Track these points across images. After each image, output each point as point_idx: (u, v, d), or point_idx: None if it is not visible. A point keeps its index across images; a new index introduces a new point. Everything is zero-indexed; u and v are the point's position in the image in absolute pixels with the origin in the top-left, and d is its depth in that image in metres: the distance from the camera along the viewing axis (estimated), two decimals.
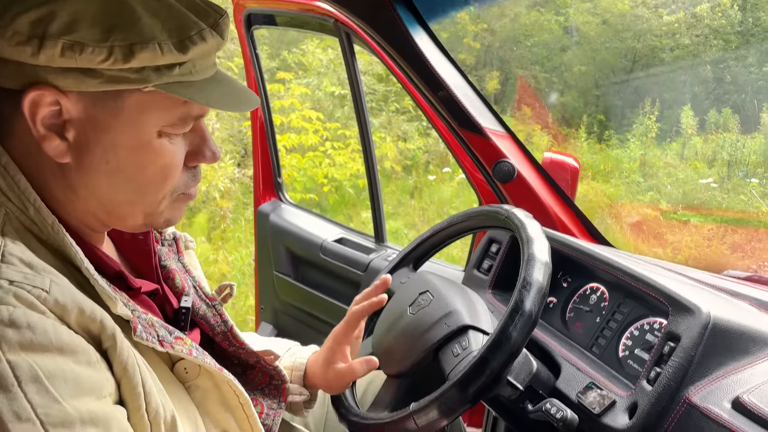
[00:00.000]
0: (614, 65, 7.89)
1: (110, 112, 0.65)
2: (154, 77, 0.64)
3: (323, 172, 5.11)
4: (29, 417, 0.55)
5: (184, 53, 0.64)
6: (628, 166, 6.36)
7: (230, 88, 0.72)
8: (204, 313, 0.88)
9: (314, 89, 5.80)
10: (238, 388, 0.78)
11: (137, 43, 0.62)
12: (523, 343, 0.86)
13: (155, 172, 0.70)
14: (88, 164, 0.67)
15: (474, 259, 1.39)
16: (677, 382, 0.84)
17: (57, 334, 0.58)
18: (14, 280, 0.58)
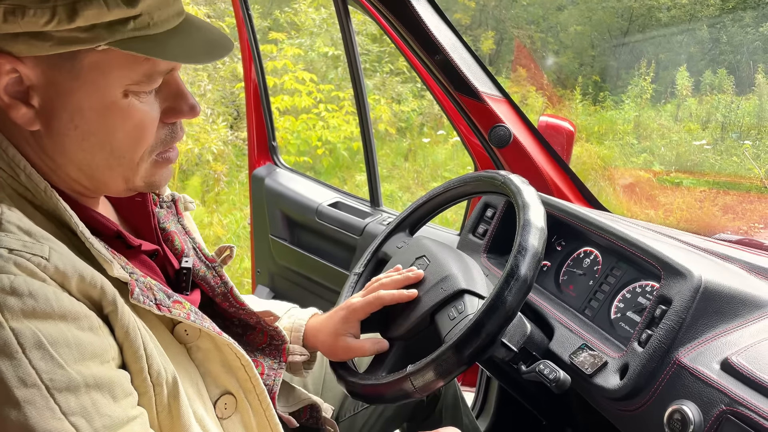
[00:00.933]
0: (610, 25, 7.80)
1: (69, 75, 0.63)
2: (106, 35, 0.61)
3: (317, 135, 5.08)
4: (35, 383, 0.56)
5: (132, 6, 0.61)
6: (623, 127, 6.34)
7: (198, 38, 0.68)
8: (204, 275, 0.88)
9: (307, 50, 5.71)
10: (239, 351, 0.79)
11: (80, 0, 0.59)
12: (518, 307, 0.88)
13: (127, 133, 0.67)
14: (57, 130, 0.66)
15: (469, 223, 1.40)
16: (668, 344, 0.86)
17: (59, 301, 0.59)
18: (14, 248, 0.58)
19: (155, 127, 0.70)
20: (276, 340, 0.96)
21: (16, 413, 0.55)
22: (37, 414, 0.55)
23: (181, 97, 0.71)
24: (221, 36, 0.70)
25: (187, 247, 0.88)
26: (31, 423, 0.55)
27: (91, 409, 0.59)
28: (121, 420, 0.61)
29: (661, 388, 0.85)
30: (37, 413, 0.55)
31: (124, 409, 0.62)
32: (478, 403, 1.65)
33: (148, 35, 0.64)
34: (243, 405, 0.80)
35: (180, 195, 0.93)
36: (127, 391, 0.64)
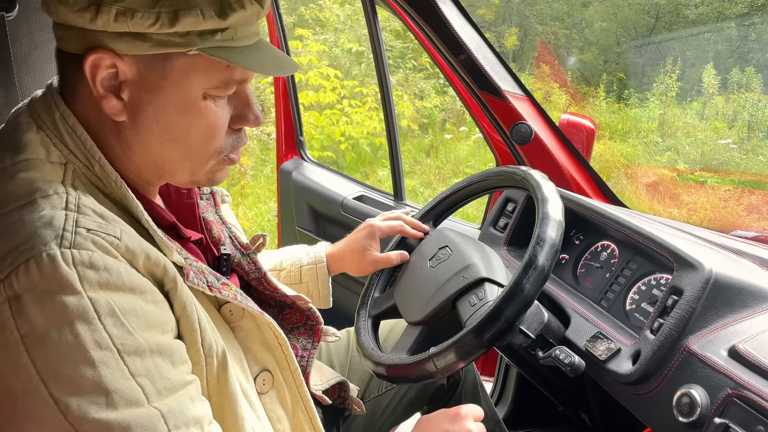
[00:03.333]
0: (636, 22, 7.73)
1: (160, 74, 0.71)
2: (198, 41, 0.69)
3: (340, 130, 5.15)
4: (108, 345, 0.62)
5: (224, 19, 0.69)
6: (647, 125, 6.30)
7: (270, 55, 0.76)
8: (239, 261, 0.95)
9: (331, 46, 5.78)
10: (277, 330, 0.85)
11: (182, 9, 0.67)
12: (536, 294, 0.93)
13: (200, 132, 0.75)
14: (140, 122, 0.73)
15: (491, 217, 1.45)
16: (678, 332, 0.91)
17: (129, 275, 0.65)
18: (91, 228, 0.65)
19: (224, 130, 0.77)
20: (311, 320, 1.03)
21: (92, 372, 0.61)
22: (109, 373, 0.62)
23: (248, 107, 0.78)
24: (284, 56, 0.79)
25: (224, 236, 0.95)
26: (105, 381, 0.61)
27: (154, 372, 0.65)
28: (179, 383, 0.68)
29: (671, 373, 0.90)
30: (109, 373, 0.62)
31: (181, 374, 0.69)
32: (497, 392, 1.70)
33: (231, 47, 0.71)
34: (279, 382, 0.86)
35: (217, 188, 1.01)
36: (183, 358, 0.70)
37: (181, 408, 0.67)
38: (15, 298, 0.61)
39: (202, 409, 0.70)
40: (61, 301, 0.61)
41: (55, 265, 0.61)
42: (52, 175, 0.70)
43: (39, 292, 0.61)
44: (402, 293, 1.15)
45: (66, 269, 0.61)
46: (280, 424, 0.85)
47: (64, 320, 0.61)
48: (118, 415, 0.62)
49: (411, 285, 1.14)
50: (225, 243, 0.94)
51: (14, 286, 0.61)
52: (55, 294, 0.61)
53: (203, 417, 0.70)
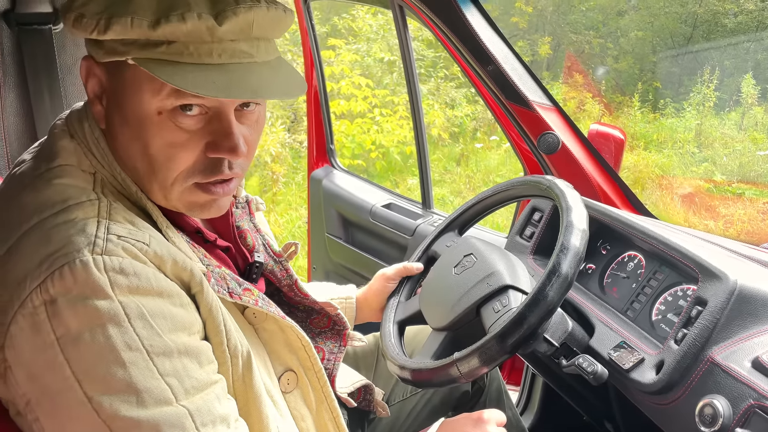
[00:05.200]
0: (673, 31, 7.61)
1: (119, 83, 0.72)
2: (135, 51, 0.68)
3: (371, 139, 5.19)
4: (138, 347, 0.66)
5: (153, 30, 0.66)
6: (683, 136, 6.20)
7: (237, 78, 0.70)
8: (272, 268, 0.98)
9: (363, 56, 5.84)
10: (300, 333, 0.88)
11: (114, 16, 0.67)
12: (559, 302, 0.94)
13: (158, 149, 0.72)
14: (112, 130, 0.75)
15: (517, 226, 1.46)
16: (702, 342, 0.91)
17: (157, 280, 0.69)
18: (121, 235, 0.69)
19: (190, 153, 0.73)
20: (338, 326, 1.06)
21: (123, 372, 0.65)
22: (139, 373, 0.65)
23: (224, 136, 0.73)
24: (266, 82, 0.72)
25: (258, 244, 0.98)
26: (135, 381, 0.65)
27: (182, 372, 0.68)
28: (205, 382, 0.71)
29: (695, 383, 0.90)
30: (139, 373, 0.65)
31: (207, 374, 0.72)
32: (523, 401, 1.70)
33: (177, 62, 0.68)
34: (303, 381, 0.89)
35: (253, 197, 1.03)
36: (210, 359, 0.73)
37: (208, 406, 0.70)
38: (51, 302, 0.64)
39: (228, 408, 0.73)
40: (93, 305, 0.64)
41: (88, 271, 0.64)
42: (84, 183, 0.73)
43: (73, 296, 0.64)
44: (427, 300, 1.17)
45: (98, 275, 0.65)
46: (304, 422, 0.88)
47: (96, 323, 0.64)
48: (148, 414, 0.65)
49: (436, 291, 1.16)
50: (259, 250, 0.97)
51: (50, 291, 0.64)
52: (88, 298, 0.64)
53: (229, 415, 0.73)
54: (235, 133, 0.73)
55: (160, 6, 0.67)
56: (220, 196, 0.78)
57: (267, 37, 0.74)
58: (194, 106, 0.71)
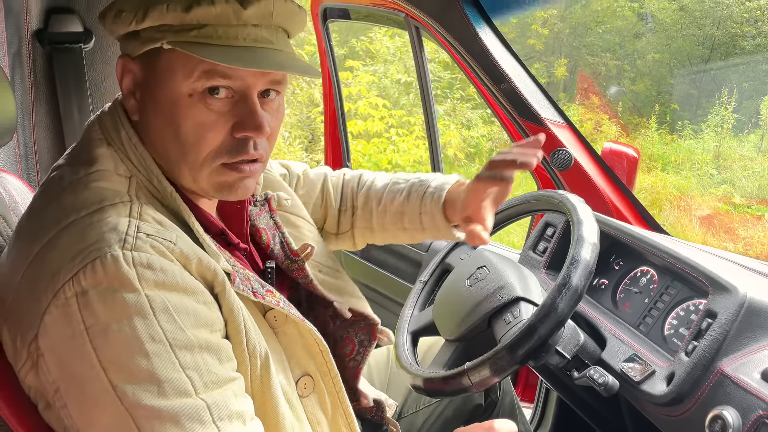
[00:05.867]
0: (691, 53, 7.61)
1: (152, 72, 0.78)
2: (171, 36, 0.74)
3: (387, 158, 5.25)
4: (161, 339, 0.69)
5: (187, 12, 0.73)
6: (701, 157, 6.17)
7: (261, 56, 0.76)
8: (288, 266, 1.00)
9: (381, 77, 5.92)
10: (318, 337, 0.90)
11: (151, 5, 0.73)
12: (569, 314, 0.95)
13: (188, 130, 0.77)
14: (145, 119, 0.80)
15: (530, 241, 1.48)
16: (712, 354, 0.92)
17: (182, 277, 0.72)
18: (150, 233, 0.72)
19: (218, 134, 0.78)
20: (369, 318, 1.07)
21: (146, 362, 0.68)
22: (161, 365, 0.68)
23: (249, 115, 0.78)
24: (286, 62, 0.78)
25: (273, 242, 1.00)
26: (157, 371, 0.68)
27: (202, 366, 0.71)
28: (224, 378, 0.73)
29: (705, 394, 0.91)
30: (161, 364, 0.68)
31: (226, 371, 0.74)
32: (536, 417, 1.70)
33: (208, 44, 0.74)
34: (319, 386, 0.91)
35: (273, 193, 1.04)
36: (229, 356, 0.76)
37: (226, 402, 0.72)
38: (82, 293, 0.68)
39: (244, 405, 0.76)
40: (121, 298, 0.68)
41: (118, 264, 0.68)
42: (119, 186, 0.77)
43: (103, 288, 0.68)
44: (440, 311, 1.19)
45: (127, 269, 0.68)
46: (320, 427, 0.90)
47: (123, 315, 0.68)
48: (168, 404, 0.68)
49: (448, 303, 1.18)
50: (274, 249, 0.99)
51: (82, 283, 0.68)
52: (117, 291, 0.68)
53: (245, 412, 0.75)
54: (260, 112, 0.79)
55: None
56: (247, 175, 0.82)
57: (285, 27, 0.81)
58: (222, 89, 0.76)
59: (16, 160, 1.36)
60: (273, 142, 0.85)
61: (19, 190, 1.04)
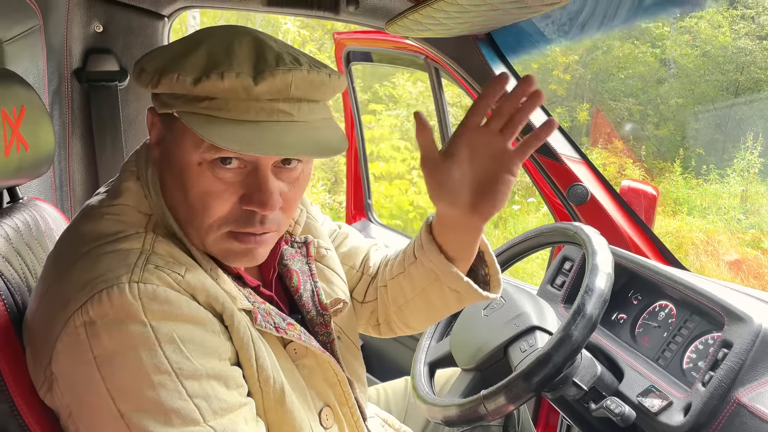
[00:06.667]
0: (715, 98, 7.61)
1: (169, 132, 0.78)
2: (179, 104, 0.73)
3: (409, 200, 5.29)
4: (167, 369, 0.70)
5: (195, 86, 0.71)
6: (728, 202, 6.10)
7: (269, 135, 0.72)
8: (312, 318, 0.97)
9: (403, 120, 6.03)
10: (337, 368, 0.90)
11: (165, 72, 0.72)
12: (584, 342, 0.96)
13: (196, 196, 0.76)
14: (163, 175, 0.81)
15: (548, 275, 1.49)
16: (728, 384, 0.91)
17: (189, 307, 0.73)
18: (159, 265, 0.74)
19: (225, 204, 0.76)
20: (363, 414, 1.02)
21: (152, 392, 0.69)
22: (167, 394, 0.69)
23: (257, 190, 0.76)
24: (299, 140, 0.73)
25: (303, 288, 0.96)
26: (163, 401, 0.69)
27: (210, 394, 0.72)
28: (233, 405, 0.74)
29: (722, 424, 0.90)
30: (167, 394, 0.69)
31: (235, 397, 0.75)
32: None
33: (215, 117, 0.72)
34: (339, 417, 0.91)
35: (314, 239, 1.02)
36: (238, 383, 0.77)
37: (235, 428, 0.73)
38: (90, 323, 0.70)
39: (255, 429, 0.76)
40: (127, 329, 0.69)
41: (123, 296, 0.70)
42: (138, 221, 0.79)
43: (110, 319, 0.69)
44: (456, 341, 1.21)
45: (132, 300, 0.70)
46: None
47: (129, 345, 0.69)
48: None
49: (465, 333, 1.19)
50: (303, 296, 0.96)
51: (89, 313, 0.70)
52: (123, 322, 0.69)
53: None
54: (269, 188, 0.76)
55: (206, 65, 0.72)
56: (254, 247, 0.80)
57: (309, 98, 0.75)
58: (233, 159, 0.75)
59: (52, 190, 1.42)
60: (290, 213, 0.82)
61: (54, 217, 1.09)
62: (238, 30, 0.78)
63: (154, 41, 1.47)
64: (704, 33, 7.68)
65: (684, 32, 7.85)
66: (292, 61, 0.74)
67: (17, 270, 0.90)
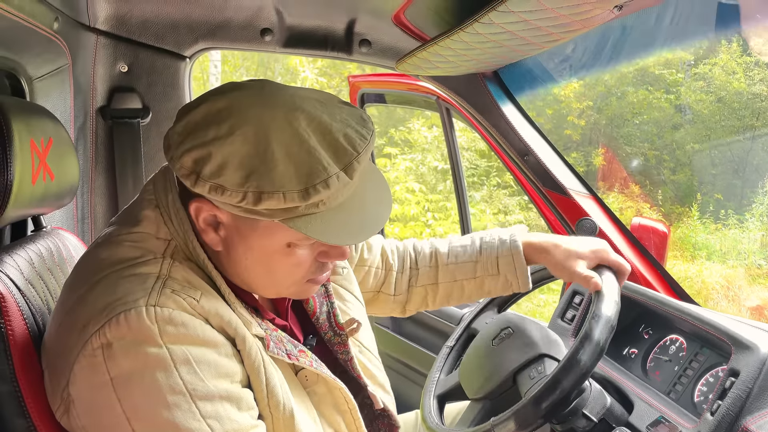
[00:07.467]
0: (731, 143, 7.60)
1: (249, 227, 0.79)
2: (280, 214, 0.75)
3: None
4: (182, 390, 0.72)
5: (305, 200, 0.73)
6: (748, 247, 6.03)
7: (355, 215, 0.79)
8: (330, 338, 0.99)
9: (418, 164, 6.10)
10: (348, 395, 0.91)
11: (266, 192, 0.72)
12: (592, 367, 0.96)
13: (285, 269, 0.82)
14: (233, 256, 0.82)
15: (558, 309, 1.49)
16: (735, 412, 0.91)
17: (203, 330, 0.75)
18: (175, 289, 0.76)
19: (308, 265, 0.83)
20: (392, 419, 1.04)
21: (167, 413, 0.71)
22: (181, 415, 0.71)
23: (335, 247, 0.83)
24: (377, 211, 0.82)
25: (320, 311, 0.99)
26: (177, 421, 0.71)
27: (223, 414, 0.74)
28: (245, 426, 0.76)
29: None
30: (181, 414, 0.71)
31: (246, 418, 0.77)
32: None
33: (315, 213, 0.76)
34: None
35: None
36: (250, 405, 0.79)
37: None
38: (107, 345, 0.72)
39: None
40: (144, 351, 0.72)
41: (140, 319, 0.72)
42: (155, 247, 0.81)
43: (127, 341, 0.72)
44: (465, 371, 1.21)
45: (148, 323, 0.72)
46: None
47: (145, 367, 0.72)
48: None
49: (474, 363, 1.20)
50: (319, 318, 0.99)
51: (107, 335, 0.72)
52: (140, 344, 0.72)
53: None
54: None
55: (299, 175, 0.73)
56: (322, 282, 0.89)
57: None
58: None
59: (74, 222, 1.47)
60: None
61: (75, 246, 1.13)
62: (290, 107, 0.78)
63: (176, 81, 1.54)
64: (718, 79, 7.73)
65: (698, 78, 7.91)
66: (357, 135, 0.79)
67: (39, 293, 0.93)
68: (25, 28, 1.12)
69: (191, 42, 1.52)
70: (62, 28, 1.26)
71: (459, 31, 1.04)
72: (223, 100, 0.78)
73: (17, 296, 0.85)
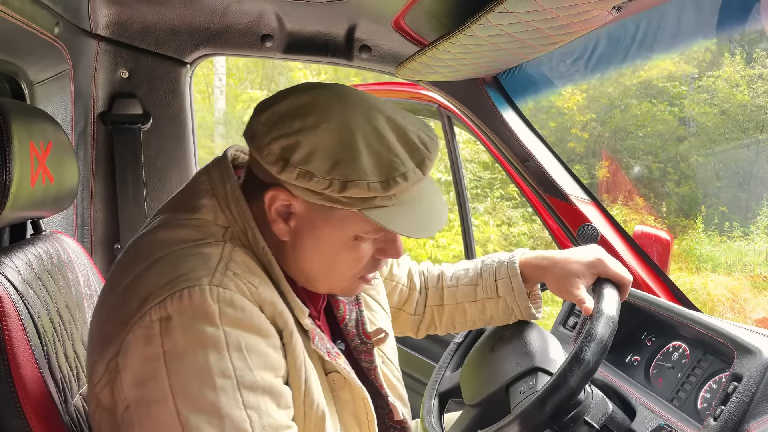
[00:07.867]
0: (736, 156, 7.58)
1: (323, 218, 0.82)
2: (359, 204, 0.78)
3: (427, 253, 5.30)
4: (230, 375, 0.72)
5: (386, 191, 0.77)
6: (753, 259, 6.00)
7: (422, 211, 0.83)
8: (356, 346, 1.01)
9: None
10: (369, 406, 0.91)
11: (351, 180, 0.76)
12: (580, 388, 0.93)
13: (346, 262, 0.85)
14: (299, 246, 0.84)
15: (560, 316, 1.48)
16: (739, 417, 0.89)
17: (258, 318, 0.76)
18: (237, 272, 0.77)
19: (366, 260, 0.86)
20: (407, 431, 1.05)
21: (213, 395, 0.70)
22: (226, 400, 0.71)
23: (392, 245, 0.87)
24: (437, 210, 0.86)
25: (349, 317, 1.01)
26: (221, 405, 0.70)
27: (262, 408, 0.73)
28: (280, 424, 0.75)
29: None
30: (226, 399, 0.71)
31: (283, 417, 0.76)
32: None
33: (387, 206, 0.80)
34: None
35: None
36: (287, 404, 0.78)
37: None
38: (166, 318, 0.72)
39: None
40: (201, 329, 0.72)
41: (203, 297, 0.73)
42: (215, 232, 0.83)
43: (186, 317, 0.72)
44: (465, 374, 1.20)
45: (210, 302, 0.73)
46: None
47: (200, 345, 0.72)
48: None
49: (473, 367, 1.19)
50: (348, 324, 1.01)
51: (168, 308, 0.73)
52: (198, 322, 0.72)
53: None
54: (400, 240, 0.88)
55: (381, 167, 0.78)
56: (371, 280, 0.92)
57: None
58: None
59: (74, 227, 1.47)
60: None
61: (74, 250, 1.13)
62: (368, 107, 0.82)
63: (177, 87, 1.55)
64: (722, 92, 7.73)
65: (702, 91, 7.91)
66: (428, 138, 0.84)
67: (38, 295, 0.93)
68: (26, 32, 1.13)
69: (192, 48, 1.53)
70: (63, 34, 1.27)
71: (458, 34, 1.04)
72: (306, 96, 0.82)
73: (15, 297, 0.85)
